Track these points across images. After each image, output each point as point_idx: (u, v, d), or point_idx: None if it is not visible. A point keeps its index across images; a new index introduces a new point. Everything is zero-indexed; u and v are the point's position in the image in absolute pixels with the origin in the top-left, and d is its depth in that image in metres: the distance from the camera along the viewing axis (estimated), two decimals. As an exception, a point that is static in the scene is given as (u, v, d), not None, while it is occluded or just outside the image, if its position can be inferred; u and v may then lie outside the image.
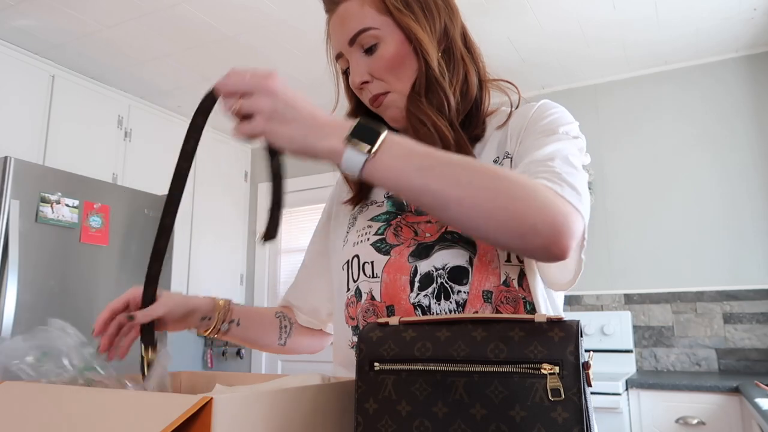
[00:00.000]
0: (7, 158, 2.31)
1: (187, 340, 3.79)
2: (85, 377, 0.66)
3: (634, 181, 2.97)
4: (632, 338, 2.80)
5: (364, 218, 0.86)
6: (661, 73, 3.03)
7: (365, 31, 0.79)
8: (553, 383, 0.49)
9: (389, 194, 0.87)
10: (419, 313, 0.75)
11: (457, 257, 0.75)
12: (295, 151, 0.62)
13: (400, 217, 0.82)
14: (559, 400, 0.48)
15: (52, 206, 2.41)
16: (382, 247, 0.80)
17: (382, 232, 0.82)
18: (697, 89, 2.93)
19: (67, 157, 2.84)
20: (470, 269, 0.75)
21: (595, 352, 2.77)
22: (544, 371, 0.49)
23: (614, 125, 3.07)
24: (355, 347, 0.59)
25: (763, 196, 2.70)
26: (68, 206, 2.47)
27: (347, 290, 0.84)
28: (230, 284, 3.80)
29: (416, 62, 0.80)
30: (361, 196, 0.89)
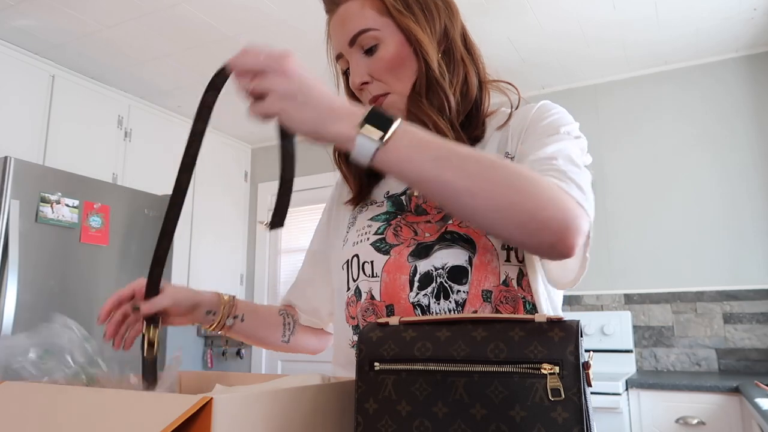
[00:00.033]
0: (7, 158, 2.31)
1: (187, 340, 3.79)
2: (87, 373, 0.65)
3: (634, 181, 2.97)
4: (632, 338, 2.80)
5: (363, 218, 0.86)
6: (661, 73, 3.03)
7: (365, 32, 0.79)
8: (553, 383, 0.49)
9: (389, 194, 0.87)
10: (418, 312, 0.75)
11: (456, 257, 0.75)
12: (306, 134, 0.61)
13: (399, 217, 0.82)
14: (559, 400, 0.48)
15: (52, 206, 2.41)
16: (381, 246, 0.80)
17: (381, 231, 0.82)
18: (697, 89, 2.93)
19: (67, 157, 2.84)
20: (470, 269, 0.75)
21: (595, 352, 2.78)
22: (544, 371, 0.49)
23: (614, 125, 3.07)
24: (355, 347, 0.59)
25: (763, 196, 2.70)
26: (68, 206, 2.47)
27: (347, 289, 0.84)
28: (230, 284, 3.80)
29: (416, 63, 0.80)
30: (361, 196, 0.89)
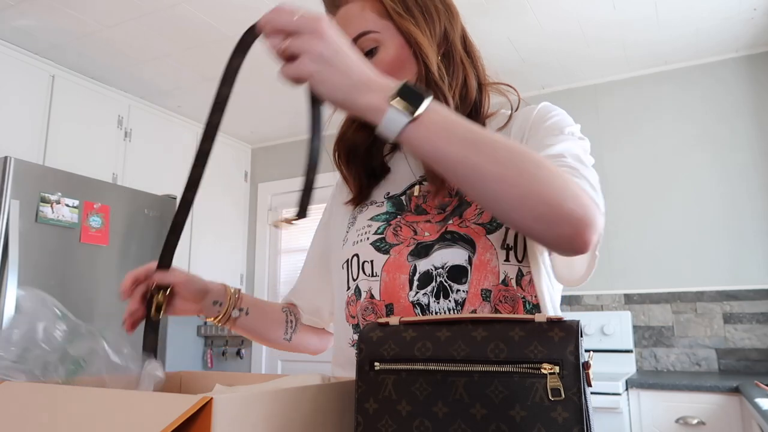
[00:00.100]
0: (7, 158, 2.31)
1: (187, 340, 3.80)
2: (71, 361, 0.64)
3: (634, 181, 2.97)
4: (632, 338, 2.80)
5: (363, 218, 0.86)
6: (661, 73, 3.03)
7: (365, 34, 0.79)
8: (553, 383, 0.49)
9: (389, 195, 0.87)
10: (418, 311, 0.75)
11: (456, 256, 0.75)
12: (336, 101, 0.59)
13: (399, 216, 0.83)
14: (559, 399, 0.48)
15: (52, 206, 2.41)
16: (381, 246, 0.81)
17: (381, 231, 0.82)
18: (697, 89, 2.93)
19: (67, 157, 2.84)
20: (469, 268, 0.75)
21: (595, 352, 2.77)
22: (544, 371, 0.49)
23: (614, 125, 3.07)
24: (355, 346, 0.59)
25: (763, 196, 2.70)
26: (68, 206, 2.47)
27: (347, 289, 0.84)
28: (230, 284, 3.78)
29: (416, 66, 0.80)
30: (361, 197, 0.89)
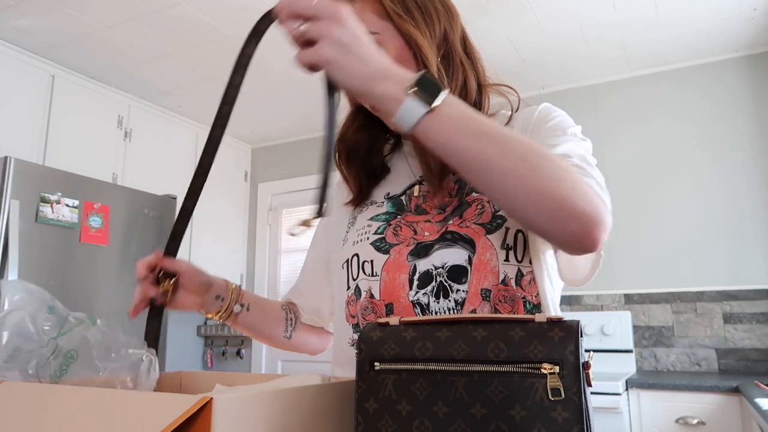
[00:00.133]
0: (7, 158, 2.31)
1: (187, 340, 3.80)
2: (63, 355, 0.64)
3: (634, 181, 2.97)
4: (632, 338, 2.80)
5: (363, 218, 0.86)
6: (661, 73, 3.02)
7: None
8: (553, 383, 0.49)
9: (389, 195, 0.87)
10: (418, 310, 0.75)
11: (456, 256, 0.75)
12: (352, 88, 0.59)
13: (399, 217, 0.83)
14: (559, 399, 0.48)
15: (52, 206, 2.41)
16: (381, 246, 0.81)
17: (381, 231, 0.82)
18: (697, 89, 2.93)
19: (67, 157, 2.84)
20: (469, 268, 0.75)
21: (595, 352, 2.77)
22: (544, 371, 0.49)
23: (614, 125, 3.07)
24: (355, 345, 0.59)
25: (763, 196, 2.70)
26: (68, 206, 2.47)
27: (347, 288, 0.84)
28: (230, 283, 3.80)
29: (415, 67, 0.80)
30: (361, 197, 0.89)
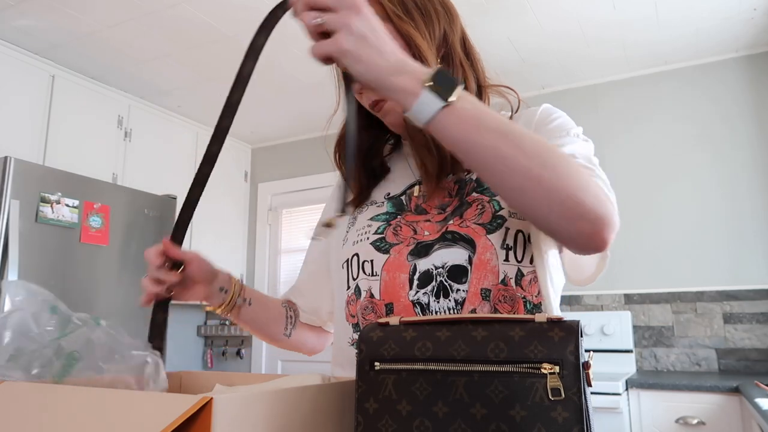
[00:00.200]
0: (7, 158, 2.31)
1: (187, 339, 3.80)
2: (65, 356, 0.63)
3: (634, 181, 2.97)
4: (632, 338, 2.80)
5: (363, 218, 0.86)
6: (661, 73, 3.02)
7: None
8: (553, 383, 0.49)
9: (389, 195, 0.87)
10: (418, 310, 0.75)
11: (456, 256, 0.75)
12: (369, 80, 0.58)
13: (399, 216, 0.83)
14: (559, 399, 0.48)
15: (52, 206, 2.41)
16: (381, 245, 0.81)
17: (381, 231, 0.82)
18: (697, 89, 2.93)
19: (67, 157, 2.84)
20: (469, 268, 0.75)
21: (595, 352, 2.77)
22: (544, 371, 0.49)
23: (614, 125, 3.07)
24: (355, 345, 0.59)
25: (763, 196, 2.70)
26: (68, 206, 2.47)
27: (347, 288, 0.84)
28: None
29: None
30: (361, 197, 0.90)
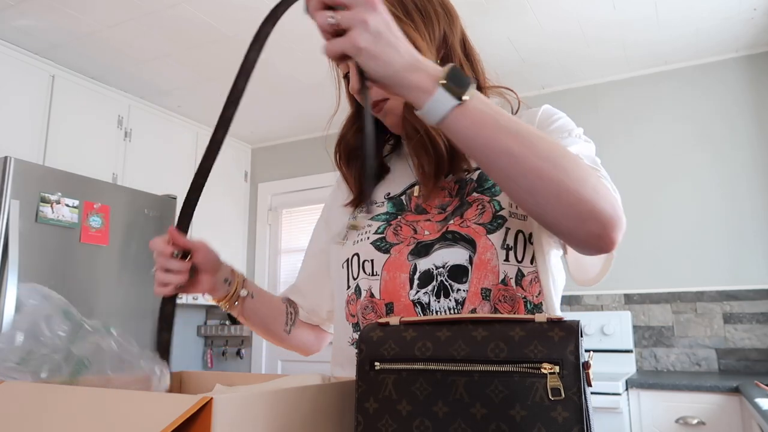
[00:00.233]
0: (7, 158, 2.31)
1: (187, 340, 3.80)
2: (75, 361, 0.64)
3: (633, 181, 2.97)
4: (632, 338, 2.80)
5: (364, 217, 0.86)
6: (661, 73, 3.02)
7: None
8: (553, 383, 0.49)
9: (389, 195, 0.87)
10: (419, 310, 0.75)
11: (457, 256, 0.75)
12: (384, 77, 0.57)
13: (399, 216, 0.83)
14: (559, 399, 0.48)
15: (52, 206, 2.41)
16: (381, 245, 0.81)
17: (382, 231, 0.82)
18: (697, 89, 2.92)
19: (67, 157, 2.84)
20: (470, 268, 0.75)
21: (595, 352, 2.77)
22: (544, 371, 0.49)
23: (614, 125, 3.07)
24: (355, 344, 0.59)
25: (763, 196, 2.70)
26: (68, 206, 2.47)
27: (347, 288, 0.84)
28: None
29: None
30: (361, 197, 0.89)
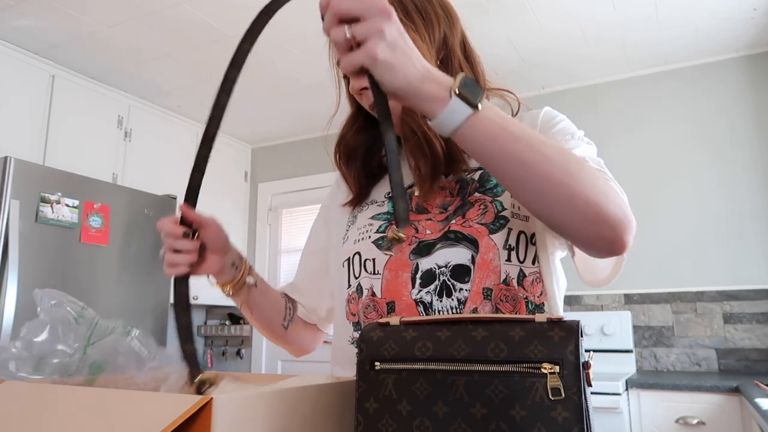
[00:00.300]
0: (7, 158, 2.31)
1: (187, 340, 3.79)
2: (90, 366, 0.64)
3: (633, 181, 2.96)
4: (632, 338, 2.80)
5: (364, 216, 0.86)
6: (661, 73, 3.02)
7: None
8: (553, 382, 0.49)
9: (390, 194, 0.87)
10: (421, 309, 0.75)
11: (459, 255, 0.75)
12: (400, 88, 0.56)
13: (400, 216, 0.82)
14: (559, 399, 0.48)
15: (52, 206, 2.41)
16: (383, 244, 0.80)
17: (383, 230, 0.82)
18: (697, 89, 2.92)
19: (67, 157, 2.84)
20: (472, 267, 0.75)
21: (595, 352, 2.77)
22: (544, 370, 0.49)
23: (614, 125, 3.07)
24: (355, 343, 0.59)
25: (763, 196, 2.70)
26: (68, 206, 2.47)
27: (348, 287, 0.84)
28: (230, 284, 3.80)
29: None
30: (360, 197, 0.89)
